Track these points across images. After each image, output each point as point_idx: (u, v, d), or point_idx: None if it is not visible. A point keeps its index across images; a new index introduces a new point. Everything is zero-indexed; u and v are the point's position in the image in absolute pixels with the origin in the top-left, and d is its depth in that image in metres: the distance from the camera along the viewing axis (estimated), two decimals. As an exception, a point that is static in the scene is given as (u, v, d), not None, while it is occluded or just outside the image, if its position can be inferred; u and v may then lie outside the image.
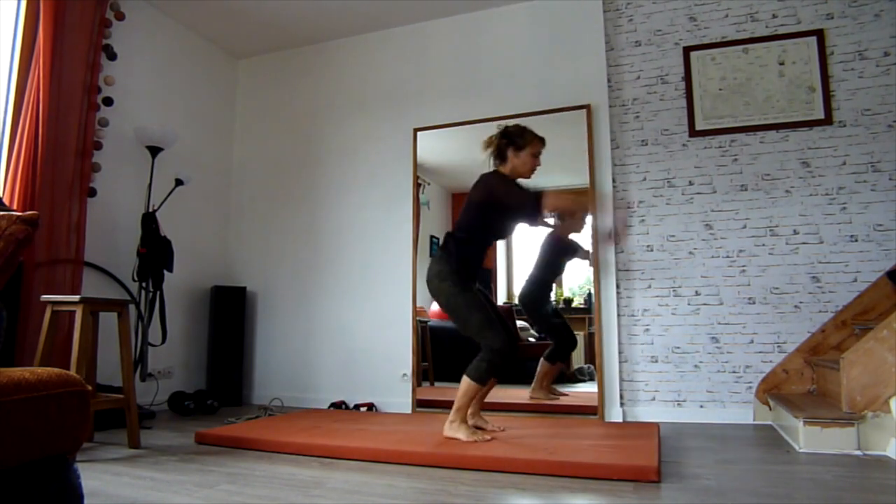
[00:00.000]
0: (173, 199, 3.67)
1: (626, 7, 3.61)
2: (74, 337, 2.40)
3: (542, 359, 3.43)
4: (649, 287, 3.36)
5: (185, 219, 3.95)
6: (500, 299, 3.80)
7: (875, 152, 3.08)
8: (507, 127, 2.77)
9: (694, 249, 3.31)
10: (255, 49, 4.44)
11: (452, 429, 2.53)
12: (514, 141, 2.71)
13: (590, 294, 3.51)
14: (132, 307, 3.38)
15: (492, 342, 2.50)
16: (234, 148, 4.50)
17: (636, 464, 2.00)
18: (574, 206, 3.05)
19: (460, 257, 2.61)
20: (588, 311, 3.49)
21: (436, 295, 2.66)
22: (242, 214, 4.40)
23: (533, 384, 3.41)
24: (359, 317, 3.90)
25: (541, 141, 2.76)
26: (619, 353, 3.30)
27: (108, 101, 3.42)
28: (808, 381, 3.01)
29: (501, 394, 3.52)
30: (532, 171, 2.76)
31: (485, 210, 2.67)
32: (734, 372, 3.16)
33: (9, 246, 1.58)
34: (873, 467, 2.10)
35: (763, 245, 3.20)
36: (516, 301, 3.80)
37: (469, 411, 2.67)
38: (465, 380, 2.53)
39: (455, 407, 2.56)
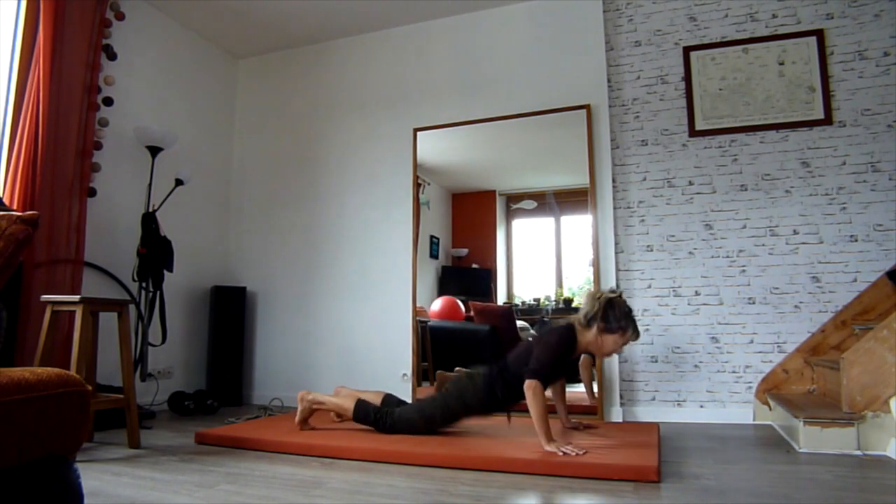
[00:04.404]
0: (173, 199, 3.67)
1: (626, 7, 3.61)
2: (74, 337, 2.40)
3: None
4: (649, 287, 3.35)
5: (185, 219, 3.95)
6: (500, 299, 3.80)
7: (875, 152, 3.08)
8: (614, 299, 2.42)
9: (694, 249, 3.31)
10: (255, 49, 4.44)
11: (299, 409, 2.72)
12: (609, 319, 2.38)
13: (590, 294, 3.51)
14: (132, 307, 3.38)
15: (425, 417, 2.57)
16: (234, 148, 4.50)
17: (636, 464, 2.00)
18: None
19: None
20: (588, 311, 3.48)
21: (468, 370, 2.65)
22: (242, 214, 4.40)
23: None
24: (359, 317, 3.90)
25: (635, 334, 2.44)
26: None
27: (108, 101, 3.42)
28: (808, 381, 3.01)
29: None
30: (605, 356, 2.54)
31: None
32: (734, 372, 3.16)
33: (9, 246, 1.58)
34: (873, 467, 2.10)
35: (763, 245, 3.20)
36: (516, 300, 3.81)
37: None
38: (355, 403, 2.66)
39: (321, 399, 2.72)
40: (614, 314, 2.39)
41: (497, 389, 2.49)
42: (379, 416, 2.61)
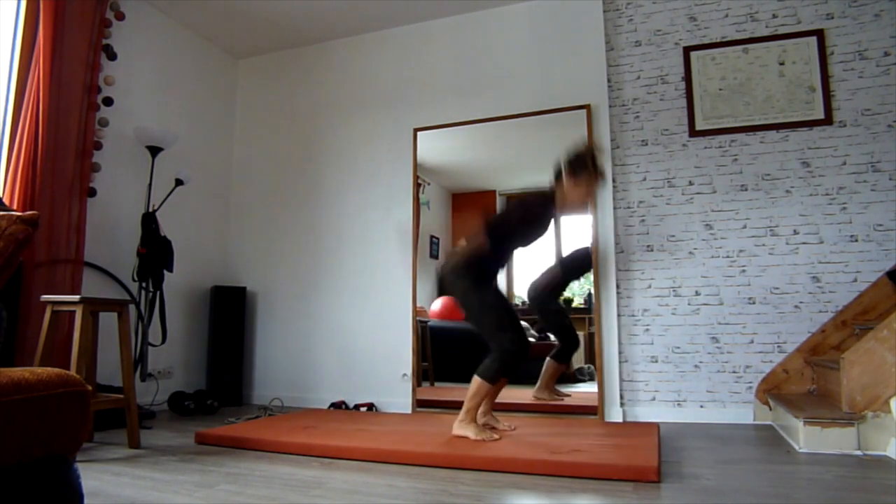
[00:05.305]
0: (173, 199, 3.67)
1: (626, 7, 3.61)
2: (74, 337, 2.40)
3: (548, 358, 3.41)
4: (649, 287, 3.35)
5: (185, 219, 3.95)
6: (500, 299, 3.79)
7: (875, 152, 3.08)
8: (578, 153, 2.64)
9: (694, 249, 3.31)
10: (255, 49, 4.44)
11: (461, 427, 2.54)
12: (574, 168, 2.60)
13: (590, 294, 3.51)
14: (132, 307, 3.38)
15: (502, 343, 2.53)
16: (234, 148, 4.50)
17: (636, 464, 2.00)
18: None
19: (479, 261, 2.64)
20: (588, 311, 3.49)
21: (450, 290, 2.70)
22: (242, 214, 4.40)
23: (538, 384, 3.39)
24: (359, 317, 3.90)
25: (598, 177, 2.64)
26: (619, 353, 3.30)
27: (108, 101, 3.41)
28: (808, 381, 3.01)
29: (503, 394, 3.52)
30: (582, 204, 2.72)
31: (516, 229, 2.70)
32: (734, 372, 3.16)
33: (9, 246, 1.58)
34: (873, 467, 2.10)
35: (763, 245, 3.20)
36: (516, 301, 3.81)
37: (480, 410, 2.67)
38: (476, 380, 2.55)
39: (465, 407, 2.57)
40: (575, 161, 2.60)
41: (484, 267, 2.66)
42: (492, 359, 2.55)
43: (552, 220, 2.78)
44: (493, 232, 2.59)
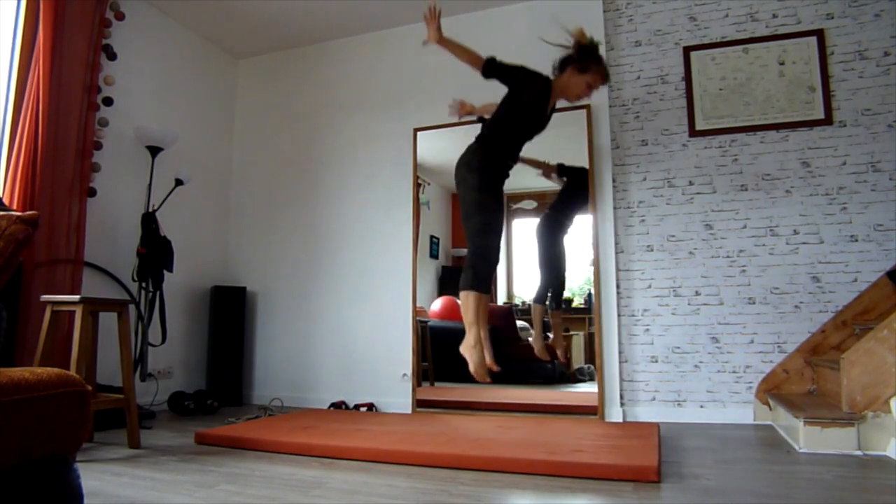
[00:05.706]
0: (173, 199, 3.67)
1: (626, 7, 3.61)
2: (74, 337, 2.40)
3: (534, 304, 3.58)
4: (649, 287, 3.35)
5: (185, 219, 3.95)
6: (500, 299, 3.80)
7: (875, 152, 3.08)
8: (585, 43, 2.64)
9: (694, 249, 3.31)
10: (255, 49, 4.44)
11: (465, 348, 2.55)
12: (580, 60, 2.62)
13: (590, 294, 3.51)
14: (132, 307, 3.38)
15: (476, 246, 2.58)
16: (234, 148, 4.50)
17: (636, 464, 2.00)
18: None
19: (491, 148, 2.71)
20: (588, 311, 3.49)
21: (459, 182, 2.75)
22: (242, 214, 4.40)
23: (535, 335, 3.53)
24: (359, 317, 3.90)
25: (604, 76, 2.67)
26: (619, 353, 3.30)
27: (108, 101, 3.41)
28: (808, 381, 3.01)
29: (502, 394, 3.53)
30: (578, 98, 2.74)
31: (509, 105, 2.78)
32: (734, 372, 3.16)
33: (9, 246, 1.58)
34: (873, 467, 2.10)
35: (763, 245, 3.20)
36: (516, 300, 3.81)
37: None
38: (461, 294, 2.56)
39: (466, 324, 2.57)
40: (585, 52, 2.60)
41: (487, 153, 2.71)
42: (465, 266, 2.58)
43: (548, 110, 2.79)
44: (494, 115, 2.77)
